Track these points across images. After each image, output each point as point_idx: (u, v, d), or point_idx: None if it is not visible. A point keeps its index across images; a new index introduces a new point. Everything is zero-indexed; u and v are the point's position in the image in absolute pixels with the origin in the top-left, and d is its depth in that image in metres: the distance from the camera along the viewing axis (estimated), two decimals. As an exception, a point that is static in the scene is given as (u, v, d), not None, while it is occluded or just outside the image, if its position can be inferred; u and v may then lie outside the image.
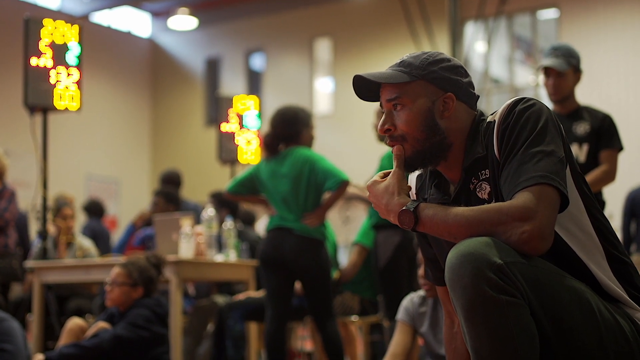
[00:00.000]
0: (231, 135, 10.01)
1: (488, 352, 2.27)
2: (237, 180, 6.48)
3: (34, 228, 10.29)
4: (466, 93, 2.68)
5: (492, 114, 2.63)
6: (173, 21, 21.13)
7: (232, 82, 21.52)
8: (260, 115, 10.32)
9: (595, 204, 2.58)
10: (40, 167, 7.71)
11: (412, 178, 2.87)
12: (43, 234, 7.88)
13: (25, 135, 11.02)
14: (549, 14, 18.85)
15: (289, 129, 6.23)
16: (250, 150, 10.05)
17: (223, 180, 12.88)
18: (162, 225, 6.95)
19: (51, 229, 8.33)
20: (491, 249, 2.28)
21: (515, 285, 2.27)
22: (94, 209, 11.48)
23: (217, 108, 10.23)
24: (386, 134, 2.68)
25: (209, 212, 7.01)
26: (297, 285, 6.36)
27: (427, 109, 2.61)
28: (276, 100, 18.53)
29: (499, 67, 19.94)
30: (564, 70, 5.59)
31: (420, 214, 2.50)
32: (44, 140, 7.73)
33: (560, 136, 2.51)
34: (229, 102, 10.09)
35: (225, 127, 10.00)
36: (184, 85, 22.48)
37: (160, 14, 22.31)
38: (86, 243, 8.65)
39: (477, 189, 2.59)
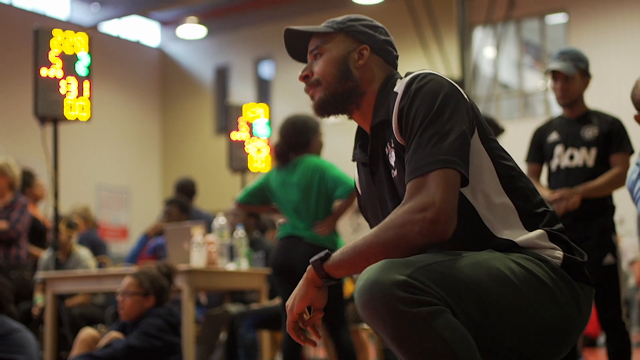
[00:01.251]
0: (241, 144, 10.00)
1: None
2: (247, 190, 6.47)
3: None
4: (382, 48, 2.80)
5: (401, 78, 2.69)
6: (182, 30, 21.18)
7: (241, 90, 21.55)
8: (270, 123, 10.32)
9: (507, 163, 2.62)
10: (52, 177, 7.71)
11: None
12: (55, 245, 7.88)
13: (36, 146, 11.03)
14: (557, 18, 18.85)
15: (299, 138, 6.22)
16: (260, 159, 10.04)
17: (233, 188, 12.90)
18: (174, 235, 6.95)
19: (63, 237, 8.34)
20: (389, 270, 2.27)
21: (427, 293, 2.26)
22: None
23: (227, 116, 10.23)
24: (304, 81, 2.81)
25: (220, 220, 7.01)
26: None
27: (342, 57, 2.76)
28: (285, 107, 18.56)
29: (508, 72, 19.94)
30: (572, 74, 5.56)
31: (329, 259, 2.54)
32: (54, 151, 7.74)
33: (461, 106, 2.52)
34: (238, 110, 10.09)
35: (235, 136, 9.99)
36: (193, 93, 22.53)
37: (169, 23, 22.37)
38: (84, 253, 8.65)
39: (389, 155, 2.63)
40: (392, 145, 2.60)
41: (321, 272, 2.55)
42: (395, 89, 2.65)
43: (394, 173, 2.61)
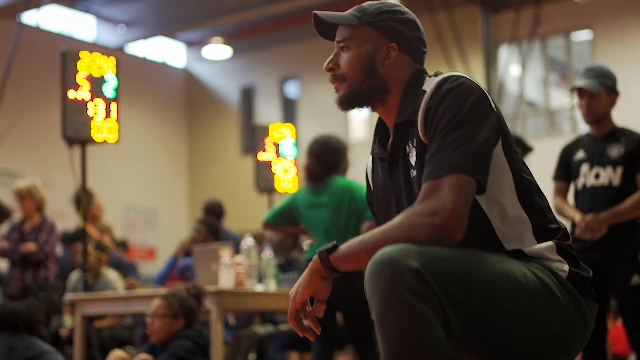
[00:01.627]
0: (268, 164, 10.01)
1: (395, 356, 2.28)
2: (274, 211, 6.47)
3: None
4: (411, 46, 2.76)
5: (430, 77, 2.69)
6: (207, 50, 21.26)
7: (267, 110, 21.59)
8: (296, 144, 10.32)
9: (527, 177, 2.60)
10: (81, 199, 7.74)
11: (369, 160, 2.95)
12: (84, 266, 7.90)
13: (64, 167, 11.08)
14: (583, 35, 18.79)
15: (332, 158, 6.23)
16: (287, 179, 10.04)
17: (260, 209, 12.88)
18: (202, 256, 6.95)
19: (91, 259, 8.36)
20: (407, 253, 2.29)
21: (432, 290, 2.27)
22: (119, 242, 11.56)
23: (253, 136, 10.24)
24: (330, 72, 2.78)
25: (248, 241, 7.01)
26: (338, 316, 6.34)
27: (369, 54, 2.72)
28: (311, 127, 18.57)
29: (534, 90, 19.89)
30: (597, 91, 5.51)
31: (335, 251, 2.56)
32: (82, 173, 7.77)
33: (489, 113, 2.52)
34: (265, 130, 10.10)
35: (262, 156, 10.00)
36: (219, 114, 22.59)
37: (195, 44, 22.46)
38: (112, 275, 8.67)
39: (410, 154, 2.63)
40: (414, 144, 2.60)
41: (327, 263, 2.57)
42: (423, 87, 2.64)
43: (413, 173, 2.61)
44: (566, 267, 2.54)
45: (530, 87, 19.72)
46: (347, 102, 2.76)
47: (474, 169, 2.41)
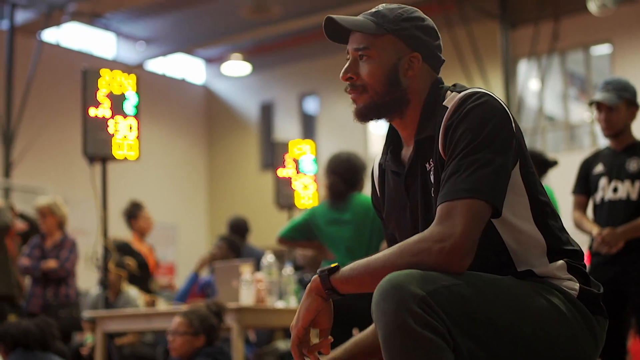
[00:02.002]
0: (288, 180, 10.02)
1: None
2: (291, 225, 6.45)
3: (93, 275, 10.37)
4: (433, 55, 2.67)
5: (451, 91, 2.60)
6: (227, 67, 21.31)
7: (286, 126, 21.62)
8: (316, 160, 10.33)
9: (543, 199, 2.55)
10: (101, 216, 7.76)
11: (375, 163, 2.86)
12: (104, 283, 7.92)
13: (83, 183, 11.10)
14: (602, 49, 18.75)
15: (355, 176, 6.22)
16: (307, 195, 10.06)
17: (280, 225, 12.89)
18: (222, 273, 6.95)
19: (112, 276, 8.37)
20: (412, 280, 2.24)
21: (440, 318, 2.23)
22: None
23: (273, 153, 10.26)
24: (348, 81, 2.66)
25: (269, 258, 7.01)
26: (355, 332, 6.32)
27: (392, 64, 2.61)
28: (331, 143, 18.58)
29: (553, 105, 19.84)
30: (614, 105, 5.46)
31: (337, 272, 2.47)
32: (103, 189, 7.79)
33: (509, 136, 2.46)
34: (284, 147, 10.12)
35: (282, 172, 10.02)
36: (238, 130, 22.63)
37: (214, 61, 22.52)
38: (133, 293, 8.68)
39: (430, 172, 2.56)
40: (434, 161, 2.53)
41: (327, 283, 2.48)
42: (445, 103, 2.56)
43: (433, 191, 2.54)
44: (576, 286, 2.50)
45: (550, 101, 19.68)
46: (367, 114, 2.66)
47: (489, 194, 2.37)
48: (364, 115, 2.66)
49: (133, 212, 9.35)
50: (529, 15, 18.04)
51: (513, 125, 2.49)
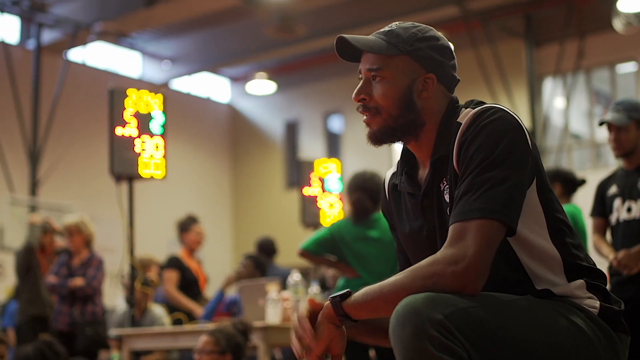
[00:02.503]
0: (313, 199, 10.03)
1: None
2: (315, 239, 6.41)
3: (118, 293, 10.39)
4: (448, 76, 2.59)
5: (465, 108, 2.54)
6: (252, 86, 21.38)
7: (311, 145, 21.65)
8: (342, 178, 10.33)
9: (560, 217, 2.51)
10: (127, 234, 7.78)
11: (388, 175, 2.81)
12: (131, 301, 7.94)
13: (109, 201, 11.13)
14: (627, 67, 18.70)
15: (380, 194, 6.22)
16: (333, 213, 10.06)
17: (305, 243, 12.88)
18: (248, 291, 6.95)
19: (139, 296, 8.39)
20: (430, 304, 2.20)
21: (459, 341, 2.18)
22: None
23: (299, 171, 10.28)
24: (360, 102, 2.60)
25: (295, 277, 7.01)
26: (372, 354, 6.31)
27: (406, 86, 2.54)
28: (356, 161, 18.58)
29: (579, 123, 19.78)
30: (624, 125, 5.47)
31: (350, 298, 2.40)
32: (130, 208, 7.82)
33: (524, 153, 2.41)
34: (310, 165, 10.13)
35: (307, 191, 10.03)
36: (263, 148, 22.67)
37: (239, 79, 22.60)
38: (159, 311, 8.70)
39: (445, 191, 2.51)
40: (448, 180, 2.48)
41: (339, 310, 2.40)
42: (459, 119, 2.50)
43: (448, 211, 2.48)
44: (597, 304, 2.46)
45: (575, 119, 19.63)
46: (382, 138, 2.60)
47: (503, 213, 2.31)
48: (378, 139, 2.62)
49: (186, 225, 9.30)
50: (554, 34, 18.01)
51: (529, 141, 2.44)
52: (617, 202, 5.56)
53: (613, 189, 5.63)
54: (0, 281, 15.81)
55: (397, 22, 2.64)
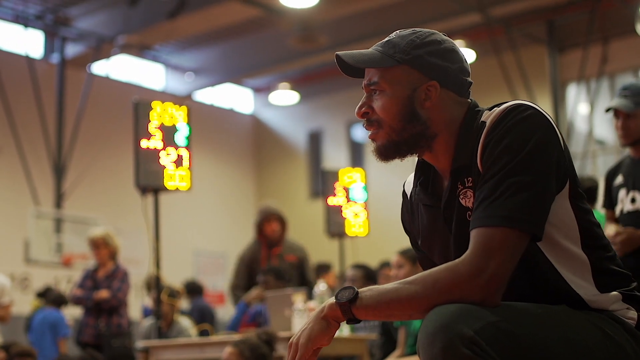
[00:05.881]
0: (338, 209, 10.02)
1: None
2: None
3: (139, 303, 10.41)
4: (454, 81, 2.45)
5: (489, 109, 2.41)
6: (274, 96, 21.41)
7: (335, 154, 21.64)
8: (366, 188, 10.33)
9: (591, 219, 2.40)
10: (153, 247, 7.80)
11: (409, 180, 2.70)
12: (157, 313, 7.95)
13: (134, 213, 11.16)
14: (652, 72, 18.62)
15: None
16: (358, 223, 10.05)
17: (331, 253, 12.89)
18: (275, 302, 6.95)
19: (165, 308, 8.41)
20: (459, 318, 2.12)
21: (489, 356, 2.11)
22: (195, 288, 11.63)
23: (323, 181, 10.28)
24: (363, 117, 2.50)
25: (321, 287, 7.00)
26: None
27: (406, 96, 2.42)
28: (380, 170, 18.55)
29: (603, 128, 19.68)
30: (631, 112, 5.14)
31: (359, 301, 2.31)
32: (155, 220, 7.84)
33: (553, 156, 2.29)
34: (334, 175, 10.13)
35: (332, 201, 10.02)
36: (287, 158, 22.69)
37: (262, 90, 22.62)
38: (185, 323, 8.71)
39: (461, 196, 2.39)
40: (469, 184, 2.37)
41: (348, 312, 2.32)
42: (482, 119, 2.38)
43: (469, 214, 2.36)
44: (634, 314, 2.37)
45: (600, 125, 19.53)
46: (387, 153, 2.49)
47: (528, 222, 2.23)
48: (384, 154, 2.50)
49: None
50: (577, 39, 17.94)
51: (561, 142, 2.34)
52: (622, 193, 5.26)
53: (619, 179, 5.32)
54: (26, 294, 15.86)
55: (397, 31, 2.53)
